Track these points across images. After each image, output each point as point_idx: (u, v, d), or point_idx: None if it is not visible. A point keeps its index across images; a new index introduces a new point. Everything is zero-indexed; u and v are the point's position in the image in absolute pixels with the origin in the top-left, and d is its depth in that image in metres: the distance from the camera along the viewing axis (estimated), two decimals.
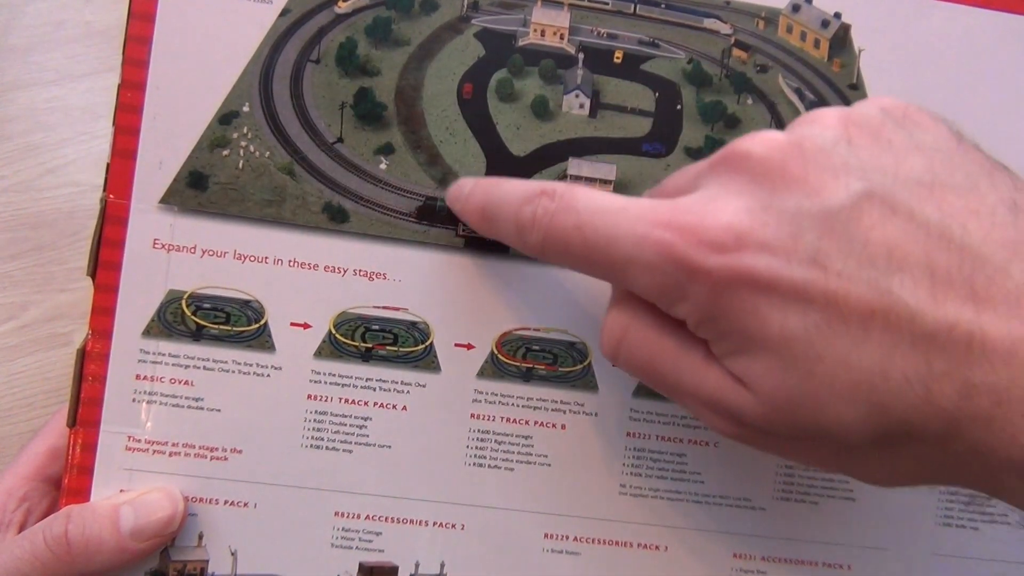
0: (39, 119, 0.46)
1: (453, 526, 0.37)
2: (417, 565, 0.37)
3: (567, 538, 0.38)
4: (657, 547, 0.38)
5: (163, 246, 0.36)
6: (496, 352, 0.38)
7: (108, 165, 0.36)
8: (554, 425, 0.38)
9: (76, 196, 0.45)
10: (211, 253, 0.36)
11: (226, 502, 0.36)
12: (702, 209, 0.27)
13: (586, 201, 0.29)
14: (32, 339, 0.46)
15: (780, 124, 0.39)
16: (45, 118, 0.46)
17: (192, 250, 0.36)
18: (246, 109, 0.36)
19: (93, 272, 0.36)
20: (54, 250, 0.46)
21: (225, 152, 0.36)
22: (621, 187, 0.38)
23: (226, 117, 0.36)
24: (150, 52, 0.36)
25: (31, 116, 0.46)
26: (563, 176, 0.38)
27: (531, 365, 0.38)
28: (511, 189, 0.32)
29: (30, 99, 0.46)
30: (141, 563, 0.36)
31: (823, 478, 0.39)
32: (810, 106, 0.39)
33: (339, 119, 0.37)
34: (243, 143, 0.36)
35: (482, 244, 0.37)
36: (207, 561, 0.37)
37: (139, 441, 0.36)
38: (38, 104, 0.46)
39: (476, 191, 0.34)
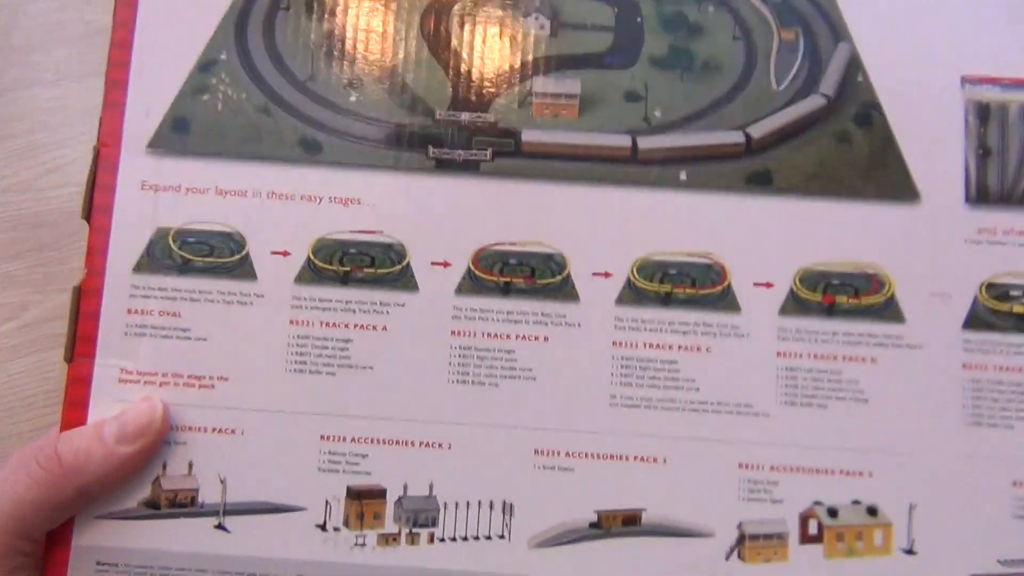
0: (40, 119, 0.49)
1: (440, 446, 0.38)
2: (405, 487, 0.38)
3: (558, 453, 0.38)
4: (655, 459, 0.38)
5: (151, 187, 0.40)
6: (473, 268, 0.39)
7: (100, 118, 0.40)
8: (537, 338, 0.39)
9: (77, 196, 0.47)
10: (194, 191, 0.40)
11: (214, 430, 0.38)
12: None
13: None
14: (32, 339, 0.48)
15: (745, 30, 0.41)
16: (46, 118, 0.49)
17: (177, 189, 0.40)
18: (223, 57, 0.40)
19: (87, 215, 0.39)
20: (55, 250, 0.49)
21: (205, 97, 0.40)
22: (587, 101, 0.40)
23: (205, 66, 0.40)
24: (136, 14, 0.40)
25: (32, 116, 0.49)
26: (529, 94, 0.40)
27: (509, 279, 0.39)
28: None
29: (31, 99, 0.50)
30: (134, 485, 0.37)
31: (829, 379, 0.38)
32: (776, 11, 0.40)
33: (310, 59, 0.40)
34: (221, 88, 0.40)
35: (453, 165, 0.39)
36: (197, 489, 0.38)
37: (131, 373, 0.38)
38: (39, 104, 0.50)
39: None
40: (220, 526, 0.38)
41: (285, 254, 0.39)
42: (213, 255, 0.39)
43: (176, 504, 0.38)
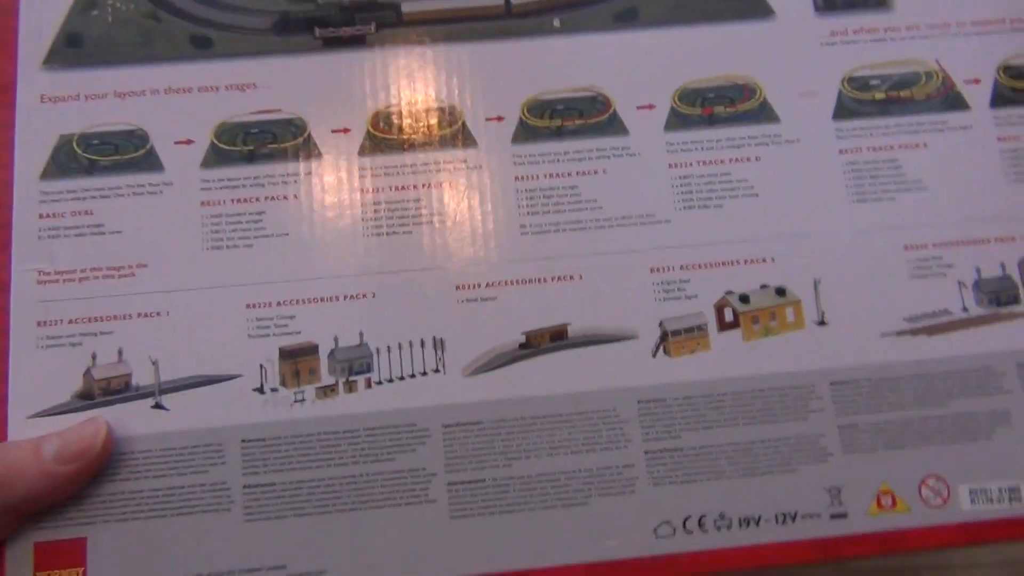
0: None
1: (364, 295, 0.40)
2: (336, 339, 0.39)
3: (479, 286, 0.40)
4: (571, 277, 0.40)
5: (50, 99, 0.41)
6: (371, 130, 0.42)
7: None
8: (440, 185, 0.41)
9: None
10: (93, 96, 0.42)
11: (139, 315, 0.39)
12: None
13: None
14: None
15: None
16: None
17: (76, 97, 0.42)
18: None
19: None
20: None
21: (95, 12, 0.42)
22: None
23: None
24: None
25: None
26: None
27: (409, 137, 0.42)
28: None
29: None
30: (63, 380, 0.38)
31: (720, 181, 0.42)
32: None
33: None
34: (109, 1, 0.42)
35: (340, 42, 0.42)
36: (130, 374, 0.39)
37: (49, 274, 0.40)
38: None
39: None
40: (158, 405, 0.38)
41: (189, 142, 0.41)
42: (118, 153, 0.41)
43: (110, 391, 0.39)
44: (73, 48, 0.42)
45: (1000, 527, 0.38)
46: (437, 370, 0.39)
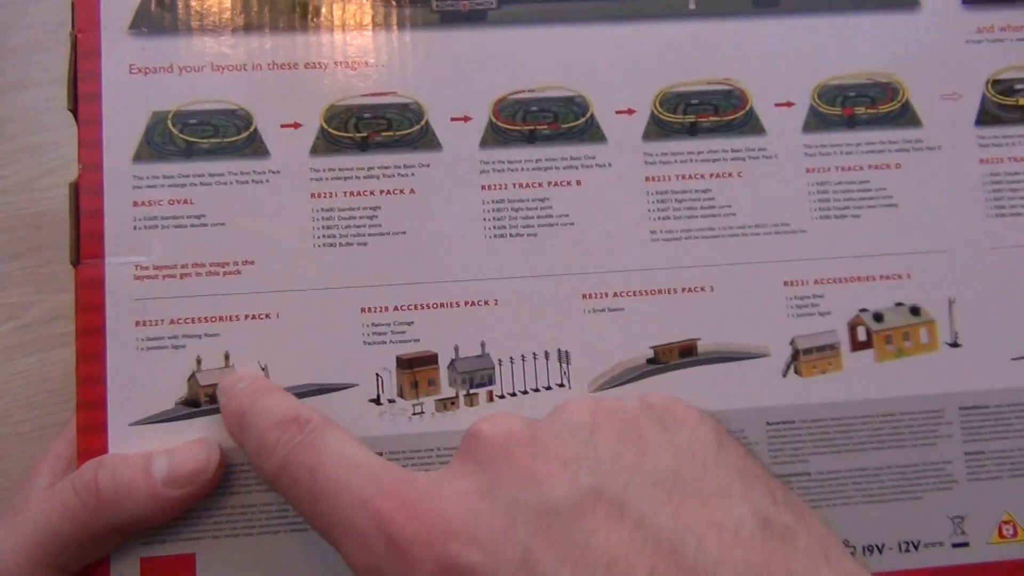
0: (39, 119, 0.48)
1: (486, 303, 0.38)
2: (457, 349, 0.37)
3: (606, 295, 0.38)
4: (703, 288, 0.38)
5: (139, 70, 0.37)
6: (495, 119, 0.39)
7: (72, 3, 0.37)
8: (569, 183, 0.39)
9: None
10: (188, 69, 0.38)
11: (247, 316, 0.37)
12: (426, 487, 0.26)
13: (332, 445, 0.29)
14: (32, 339, 0.47)
15: None
16: (45, 118, 0.48)
17: (169, 69, 0.38)
18: None
19: (74, 107, 0.37)
20: (54, 250, 0.47)
21: None
22: None
23: None
24: None
25: (31, 116, 0.48)
26: None
27: (533, 127, 0.39)
28: (270, 405, 0.32)
29: (30, 99, 0.48)
30: (169, 387, 0.36)
31: (859, 189, 0.39)
32: None
33: None
34: None
35: (459, 17, 0.39)
36: None
37: (147, 268, 0.37)
38: (38, 104, 0.48)
39: (242, 394, 0.34)
40: None
41: (296, 126, 0.38)
42: (218, 135, 0.37)
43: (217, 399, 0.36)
44: (162, 10, 0.38)
45: None
46: (562, 384, 0.37)
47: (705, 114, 0.39)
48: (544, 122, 0.39)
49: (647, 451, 0.26)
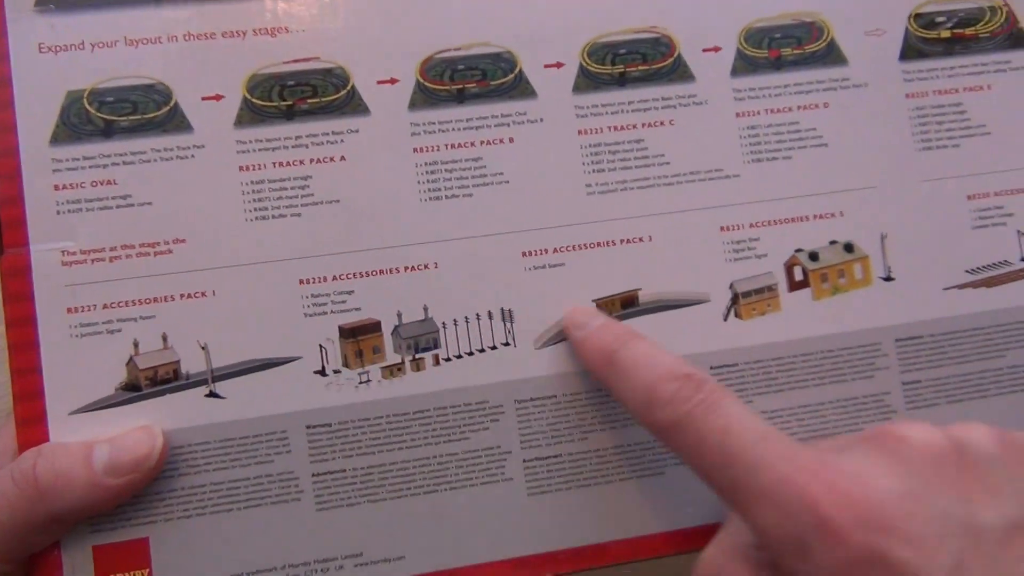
0: None
1: (426, 267, 0.37)
2: (400, 315, 0.37)
3: (546, 251, 0.38)
4: (641, 239, 0.39)
5: (50, 48, 0.36)
6: (422, 80, 0.38)
7: None
8: (501, 140, 0.38)
9: None
10: (101, 45, 0.37)
11: (182, 296, 0.36)
12: (854, 475, 0.27)
13: (735, 408, 0.30)
14: None
15: None
16: None
17: (81, 46, 0.36)
18: None
19: None
20: None
21: None
22: None
23: None
24: None
25: None
26: None
27: (462, 85, 0.38)
28: (655, 356, 0.33)
29: None
30: (106, 370, 0.35)
31: (789, 131, 0.40)
32: None
33: None
34: None
35: None
36: (178, 361, 0.36)
37: (74, 253, 0.36)
38: None
39: (606, 332, 0.35)
40: (212, 393, 0.36)
41: (218, 98, 0.37)
42: (138, 112, 0.36)
43: (158, 381, 0.36)
44: None
45: None
46: (507, 343, 0.38)
47: (634, 63, 0.39)
48: (472, 80, 0.38)
49: None
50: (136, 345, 0.36)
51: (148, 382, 0.36)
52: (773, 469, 0.28)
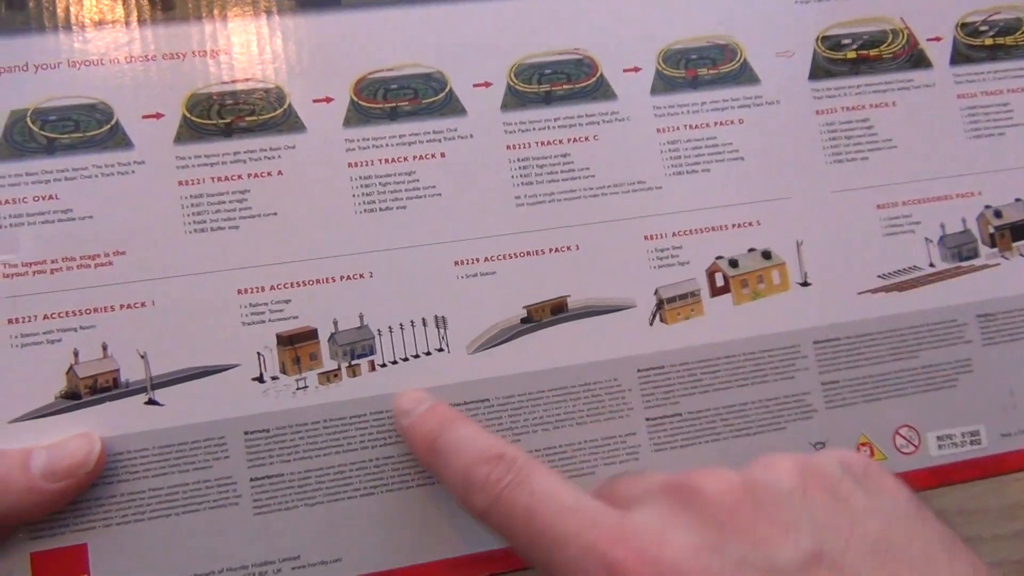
0: None
1: (361, 276, 0.39)
2: (336, 322, 0.39)
3: (478, 260, 0.40)
4: (569, 248, 0.41)
5: None
6: (356, 99, 0.40)
7: None
8: (433, 155, 0.40)
9: None
10: (44, 67, 0.38)
11: (122, 306, 0.37)
12: (653, 536, 0.28)
13: (542, 484, 0.31)
14: None
15: None
16: None
17: (24, 68, 0.38)
18: None
19: None
20: None
21: None
22: None
23: None
24: None
25: None
26: None
27: (394, 104, 0.40)
28: (470, 439, 0.33)
29: None
30: (46, 378, 0.36)
31: (707, 145, 0.42)
32: None
33: None
34: None
35: (314, 1, 0.40)
36: (117, 370, 0.37)
37: (16, 266, 0.37)
38: None
39: (430, 418, 0.35)
40: (151, 401, 0.37)
41: (158, 116, 0.39)
42: (80, 130, 0.38)
43: (98, 389, 0.37)
44: (13, 11, 0.38)
45: (963, 469, 0.42)
46: (441, 349, 0.39)
47: (559, 83, 0.42)
48: (405, 99, 0.40)
49: (856, 517, 0.28)
50: (76, 354, 0.37)
51: (88, 390, 0.37)
52: (577, 539, 0.28)
